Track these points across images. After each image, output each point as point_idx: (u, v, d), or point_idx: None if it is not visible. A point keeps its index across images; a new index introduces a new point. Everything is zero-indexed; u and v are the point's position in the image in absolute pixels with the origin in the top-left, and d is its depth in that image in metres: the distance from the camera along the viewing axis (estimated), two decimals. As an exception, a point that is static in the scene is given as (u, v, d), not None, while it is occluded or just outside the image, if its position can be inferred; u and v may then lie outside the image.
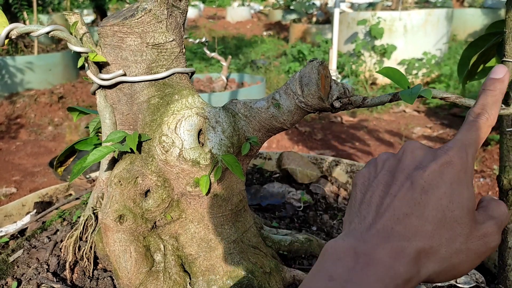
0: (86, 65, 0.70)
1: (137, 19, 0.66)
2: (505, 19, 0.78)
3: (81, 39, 0.70)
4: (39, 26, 0.65)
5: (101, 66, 0.71)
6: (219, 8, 13.22)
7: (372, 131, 3.20)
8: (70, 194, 1.25)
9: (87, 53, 0.68)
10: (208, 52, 3.12)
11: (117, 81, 0.69)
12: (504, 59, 0.80)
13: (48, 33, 0.65)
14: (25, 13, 4.35)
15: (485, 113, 0.39)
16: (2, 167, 2.71)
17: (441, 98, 0.68)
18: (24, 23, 4.61)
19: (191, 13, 11.41)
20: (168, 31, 0.69)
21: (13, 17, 4.32)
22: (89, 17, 9.21)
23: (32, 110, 3.66)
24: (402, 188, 0.34)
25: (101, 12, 6.53)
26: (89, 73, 0.70)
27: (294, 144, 2.94)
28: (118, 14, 0.69)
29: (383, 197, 0.35)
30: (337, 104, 0.70)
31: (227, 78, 3.28)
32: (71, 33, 0.68)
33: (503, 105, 0.77)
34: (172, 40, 0.70)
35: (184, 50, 0.74)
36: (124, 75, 0.69)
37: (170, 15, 0.69)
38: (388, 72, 0.71)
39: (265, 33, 8.63)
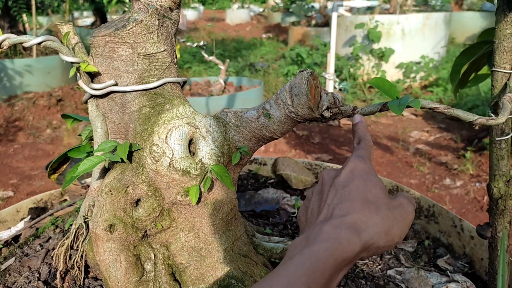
0: (78, 74, 0.71)
1: (128, 30, 0.67)
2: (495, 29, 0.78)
3: (73, 48, 0.70)
4: (31, 36, 0.65)
5: (93, 76, 0.71)
6: (219, 10, 13.24)
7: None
8: (65, 200, 1.25)
9: (79, 63, 0.68)
10: (206, 55, 3.13)
11: (108, 90, 0.70)
12: (494, 68, 0.80)
13: (40, 43, 0.66)
14: (24, 16, 4.36)
15: (362, 141, 0.56)
16: (-1, 170, 2.71)
17: (430, 108, 0.69)
18: (24, 25, 4.62)
19: (191, 15, 11.45)
20: (159, 41, 0.69)
21: (12, 20, 4.32)
22: (89, 19, 9.23)
23: (31, 113, 3.66)
24: (329, 193, 0.47)
25: (100, 15, 6.54)
26: (80, 83, 0.70)
27: (291, 147, 2.95)
28: (110, 25, 0.70)
29: (319, 206, 0.48)
30: (327, 114, 0.71)
31: (225, 82, 3.29)
32: (63, 43, 0.69)
33: (492, 115, 0.77)
34: (164, 50, 0.70)
35: (176, 60, 0.74)
36: (116, 85, 0.69)
37: (162, 25, 0.69)
38: (378, 82, 0.71)
39: (264, 36, 8.64)
